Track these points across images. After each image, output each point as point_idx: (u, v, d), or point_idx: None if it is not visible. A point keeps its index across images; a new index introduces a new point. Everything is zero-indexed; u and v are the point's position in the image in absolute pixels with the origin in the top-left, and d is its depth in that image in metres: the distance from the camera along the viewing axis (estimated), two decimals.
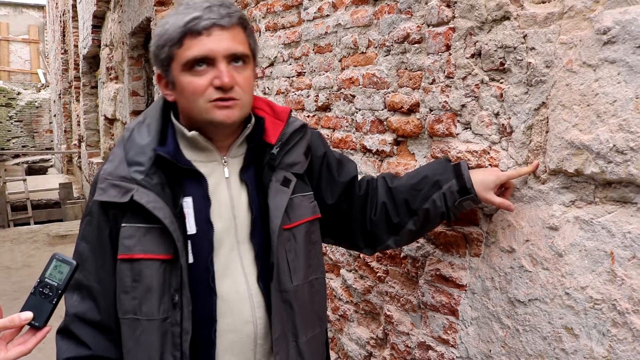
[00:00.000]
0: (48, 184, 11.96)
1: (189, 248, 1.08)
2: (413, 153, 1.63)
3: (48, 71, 22.16)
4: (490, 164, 1.33)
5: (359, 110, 1.87)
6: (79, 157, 11.64)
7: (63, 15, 12.70)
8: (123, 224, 1.06)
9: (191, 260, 1.09)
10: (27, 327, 0.90)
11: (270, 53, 2.49)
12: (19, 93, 19.83)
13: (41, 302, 0.90)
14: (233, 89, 1.06)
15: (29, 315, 0.89)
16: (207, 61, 1.05)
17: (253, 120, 1.17)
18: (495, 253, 1.33)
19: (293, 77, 2.32)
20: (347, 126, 1.95)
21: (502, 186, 1.28)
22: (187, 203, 1.10)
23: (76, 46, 10.50)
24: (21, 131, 19.75)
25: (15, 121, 19.63)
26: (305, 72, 2.23)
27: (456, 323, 1.46)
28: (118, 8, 6.29)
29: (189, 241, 1.09)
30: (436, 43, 1.46)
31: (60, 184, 10.34)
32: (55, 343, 1.10)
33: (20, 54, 24.69)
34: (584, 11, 1.07)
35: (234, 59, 1.07)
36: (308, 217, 1.21)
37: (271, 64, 2.51)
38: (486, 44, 1.30)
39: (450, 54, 1.42)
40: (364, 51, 1.82)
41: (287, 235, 1.16)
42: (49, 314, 0.91)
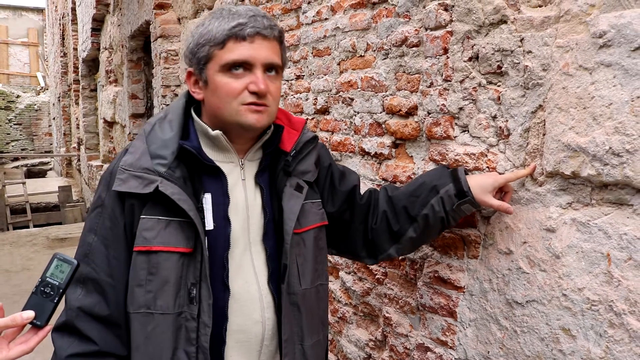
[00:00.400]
0: (47, 187, 11.97)
1: (205, 243, 1.09)
2: (411, 156, 1.64)
3: (47, 74, 22.19)
4: (487, 167, 1.33)
5: (358, 113, 1.88)
6: (78, 160, 11.65)
7: (62, 18, 12.72)
8: (142, 216, 1.07)
9: (206, 255, 1.10)
10: (29, 326, 0.91)
11: None
12: (18, 96, 19.84)
13: (43, 302, 0.91)
14: (266, 96, 1.09)
15: (31, 314, 0.89)
16: (245, 66, 1.08)
17: (272, 127, 1.20)
18: (493, 255, 1.34)
19: (292, 80, 2.33)
20: (346, 129, 1.96)
21: (502, 190, 1.29)
22: (206, 199, 1.12)
23: (75, 49, 10.52)
24: (20, 134, 19.76)
25: (14, 124, 19.64)
26: (304, 75, 2.24)
27: (454, 325, 1.47)
28: (117, 11, 6.30)
29: (205, 237, 1.10)
30: (434, 46, 1.47)
31: (59, 187, 10.34)
32: (52, 342, 1.07)
33: (19, 57, 24.73)
34: (580, 15, 1.08)
35: (269, 69, 1.11)
36: (317, 223, 1.24)
37: None
38: (483, 48, 1.31)
39: (448, 57, 1.43)
40: (363, 54, 1.83)
41: (297, 239, 1.18)
42: (51, 313, 0.91)
